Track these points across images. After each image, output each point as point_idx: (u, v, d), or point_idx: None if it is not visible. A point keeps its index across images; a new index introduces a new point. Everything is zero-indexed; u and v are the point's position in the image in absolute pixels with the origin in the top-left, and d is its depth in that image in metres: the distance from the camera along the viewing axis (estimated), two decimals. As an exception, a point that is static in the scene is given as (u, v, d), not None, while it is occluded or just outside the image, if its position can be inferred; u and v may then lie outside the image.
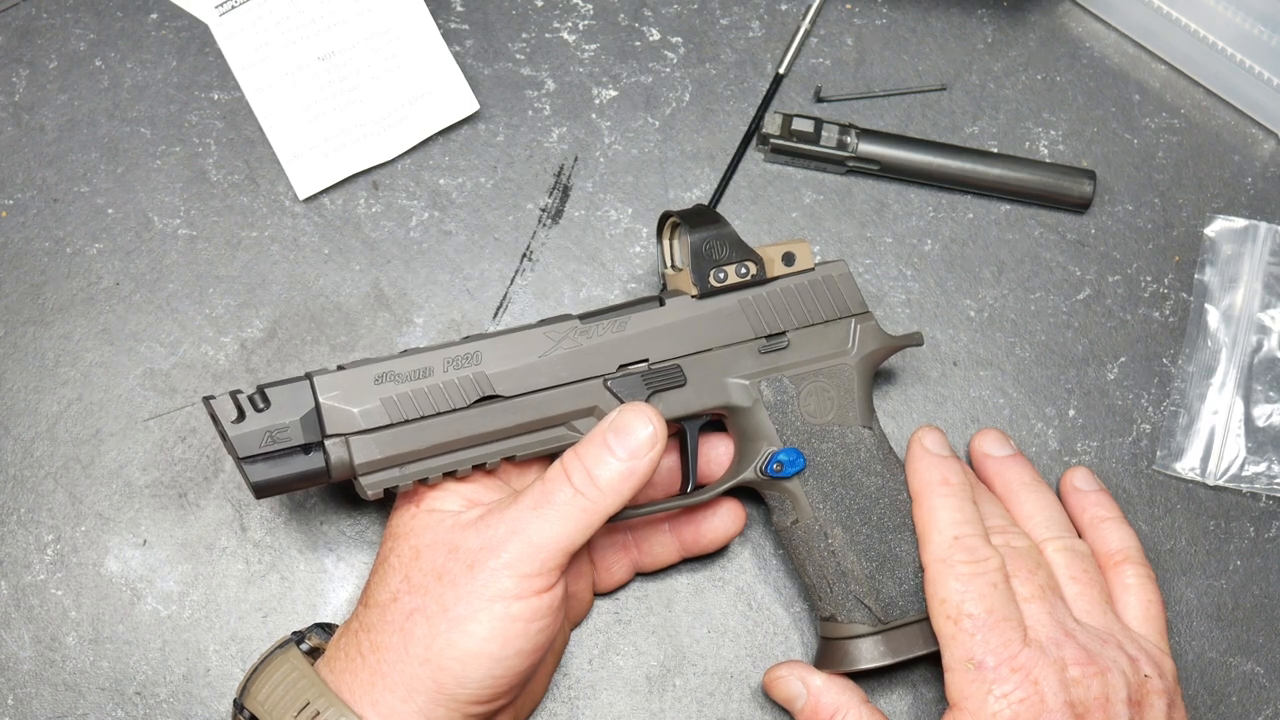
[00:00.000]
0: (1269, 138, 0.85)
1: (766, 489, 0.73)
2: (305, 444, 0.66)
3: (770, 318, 0.72)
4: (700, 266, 0.71)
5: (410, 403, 0.67)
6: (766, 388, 0.72)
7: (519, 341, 0.69)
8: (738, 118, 0.83)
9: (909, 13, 0.85)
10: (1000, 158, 0.82)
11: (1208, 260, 0.83)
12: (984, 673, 0.67)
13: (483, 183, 0.82)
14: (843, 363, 0.73)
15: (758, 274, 0.72)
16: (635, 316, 0.71)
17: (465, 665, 0.64)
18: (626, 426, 0.67)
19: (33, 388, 0.78)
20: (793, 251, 0.73)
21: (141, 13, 0.82)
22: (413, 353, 0.68)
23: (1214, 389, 0.82)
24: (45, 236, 0.80)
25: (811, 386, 0.72)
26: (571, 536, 0.65)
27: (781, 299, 0.73)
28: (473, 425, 0.68)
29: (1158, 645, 0.72)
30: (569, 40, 0.83)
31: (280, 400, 0.66)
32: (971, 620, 0.68)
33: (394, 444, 0.67)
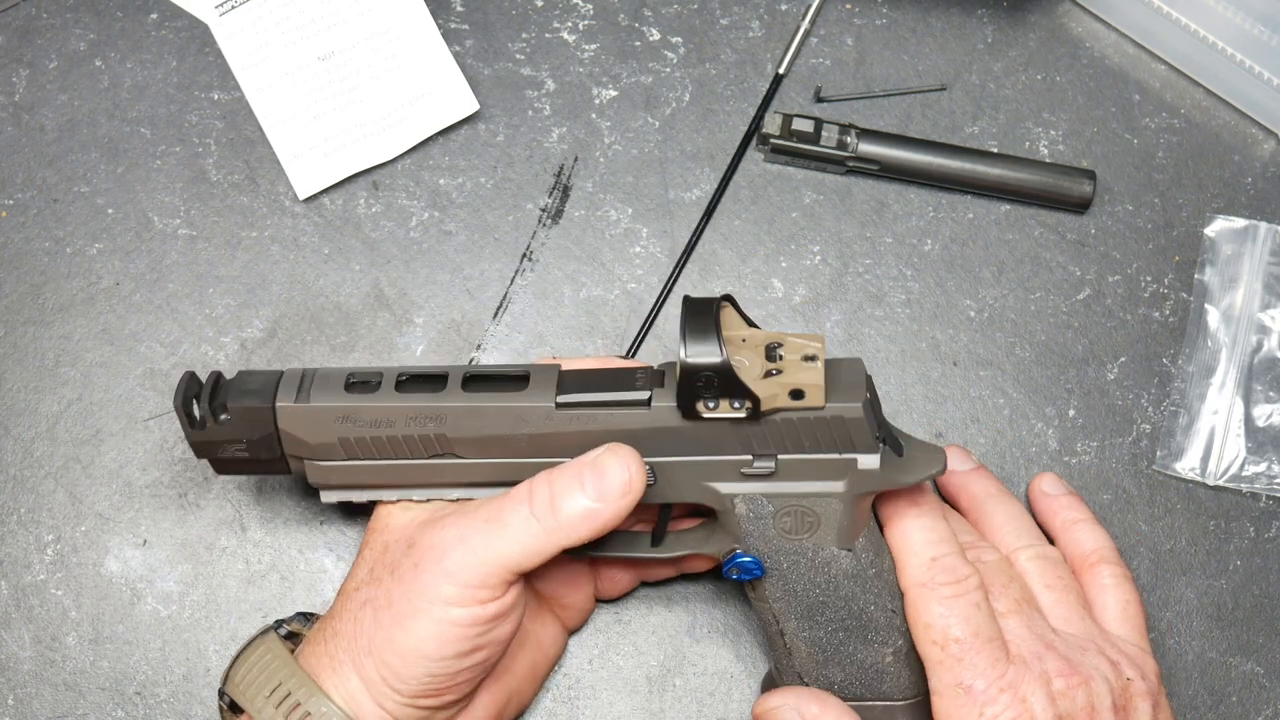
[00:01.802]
0: (1269, 138, 0.85)
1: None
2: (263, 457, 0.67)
3: (762, 442, 0.66)
4: (688, 394, 0.65)
5: (367, 446, 0.67)
6: (741, 503, 0.68)
7: (488, 414, 0.66)
8: (738, 118, 0.83)
9: (909, 13, 0.85)
10: (1000, 158, 0.82)
11: (1208, 260, 0.83)
12: (974, 696, 0.66)
13: (483, 183, 0.82)
14: (830, 499, 0.68)
15: (752, 411, 0.65)
16: (616, 414, 0.66)
17: (404, 661, 0.64)
18: (604, 468, 0.64)
19: (33, 388, 0.78)
20: (801, 388, 0.65)
21: (141, 13, 0.82)
22: (383, 394, 0.67)
23: (1214, 389, 0.82)
24: (45, 236, 0.80)
25: (791, 509, 0.68)
26: (518, 558, 0.64)
27: (778, 430, 0.66)
28: (429, 473, 0.68)
29: (1138, 645, 0.71)
30: (569, 40, 0.83)
31: (240, 417, 0.66)
32: (959, 645, 0.67)
33: (348, 474, 0.68)
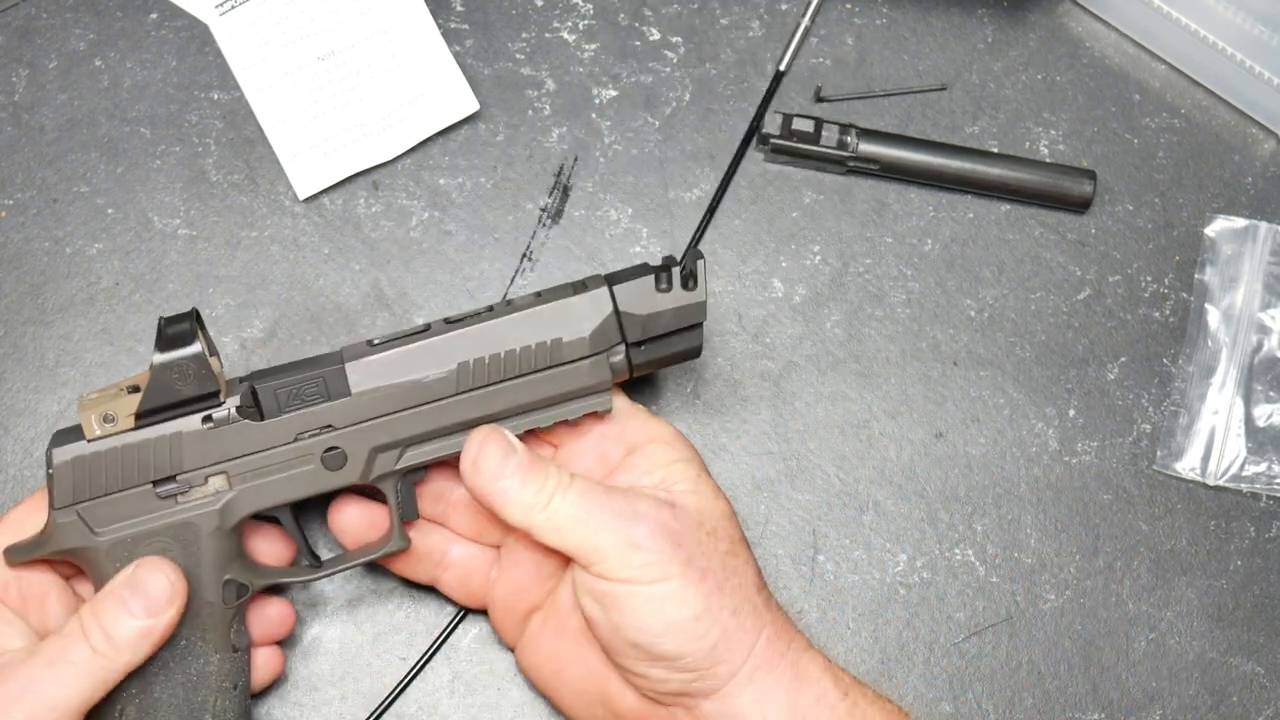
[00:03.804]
0: (1269, 138, 0.85)
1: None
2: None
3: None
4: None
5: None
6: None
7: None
8: (738, 117, 0.83)
9: (909, 13, 0.85)
10: (1000, 158, 0.82)
11: (1208, 260, 0.83)
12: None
13: (483, 183, 0.82)
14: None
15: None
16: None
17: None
18: (142, 583, 0.65)
19: (33, 388, 0.78)
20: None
21: (141, 13, 0.82)
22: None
23: (1214, 389, 0.82)
24: (45, 236, 0.80)
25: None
26: (85, 695, 0.63)
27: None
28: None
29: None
30: (569, 40, 0.83)
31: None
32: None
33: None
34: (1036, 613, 0.79)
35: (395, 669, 0.77)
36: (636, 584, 0.66)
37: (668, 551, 0.66)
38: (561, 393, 0.70)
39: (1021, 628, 0.79)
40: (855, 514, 0.80)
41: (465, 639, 0.77)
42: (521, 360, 0.69)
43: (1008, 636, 0.79)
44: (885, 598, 0.79)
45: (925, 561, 0.79)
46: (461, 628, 0.77)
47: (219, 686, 0.68)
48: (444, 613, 0.77)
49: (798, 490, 0.80)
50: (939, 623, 0.79)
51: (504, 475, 0.67)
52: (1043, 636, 0.79)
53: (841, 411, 0.81)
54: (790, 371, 0.81)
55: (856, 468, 0.80)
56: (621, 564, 0.66)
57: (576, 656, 0.71)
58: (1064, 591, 0.80)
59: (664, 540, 0.66)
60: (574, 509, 0.67)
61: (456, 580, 0.74)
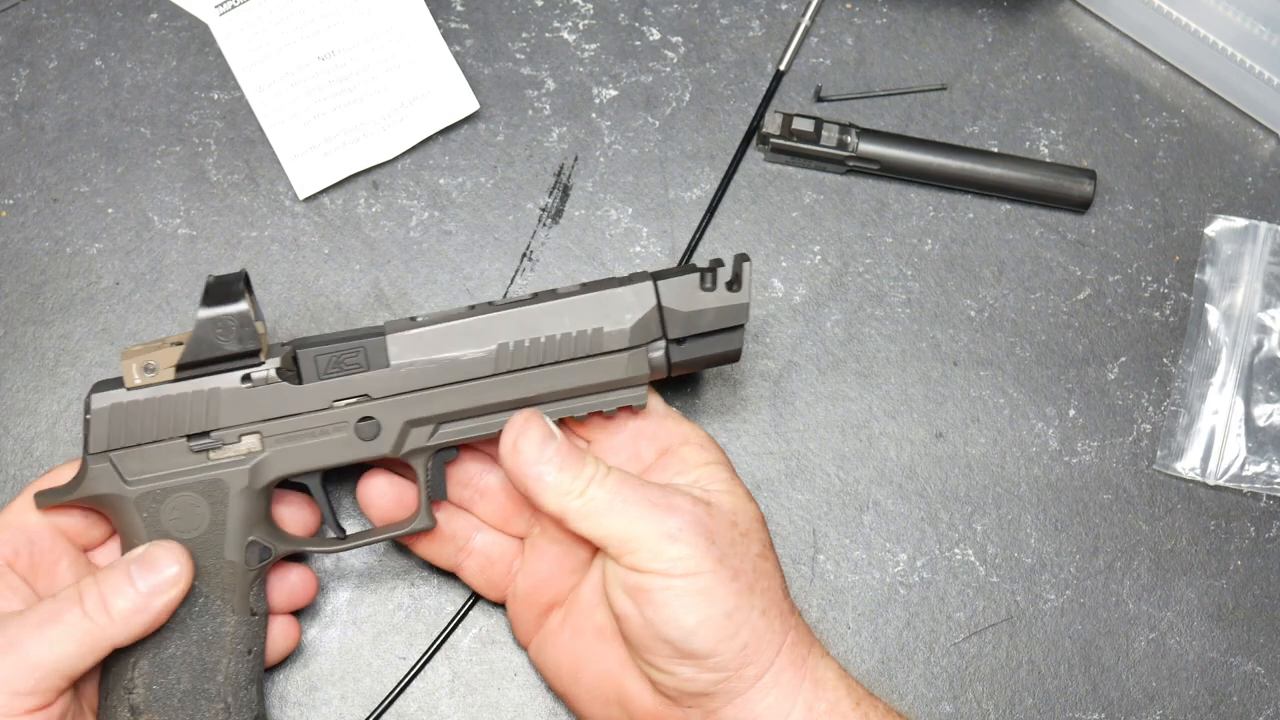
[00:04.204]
0: (1269, 138, 0.85)
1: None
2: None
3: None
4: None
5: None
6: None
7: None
8: (738, 117, 0.83)
9: (909, 13, 0.85)
10: (1000, 157, 0.82)
11: (1208, 260, 0.83)
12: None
13: (483, 182, 0.82)
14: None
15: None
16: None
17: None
18: (153, 561, 0.65)
19: (33, 388, 0.78)
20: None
21: (141, 12, 0.82)
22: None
23: (1214, 389, 0.82)
24: (45, 236, 0.80)
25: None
26: (72, 660, 0.63)
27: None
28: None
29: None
30: (569, 40, 0.83)
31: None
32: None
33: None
34: (1036, 613, 0.79)
35: (395, 669, 0.77)
36: (669, 577, 0.65)
37: (702, 547, 0.66)
38: (598, 383, 0.70)
39: (1021, 628, 0.79)
40: (855, 514, 0.80)
41: (465, 639, 0.77)
42: (561, 346, 0.70)
43: (1008, 636, 0.79)
44: (885, 598, 0.79)
45: (925, 561, 0.79)
46: (461, 628, 0.77)
47: (233, 648, 0.69)
48: (444, 613, 0.77)
49: (798, 490, 0.80)
50: (939, 623, 0.79)
51: (542, 460, 0.67)
52: (1043, 636, 0.79)
53: (841, 411, 0.81)
54: (790, 371, 0.81)
55: (856, 468, 0.80)
56: (655, 555, 0.66)
57: (594, 655, 0.70)
58: (1064, 591, 0.80)
59: (699, 535, 0.66)
60: (609, 497, 0.67)
61: (478, 568, 0.74)
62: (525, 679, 0.77)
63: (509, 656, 0.77)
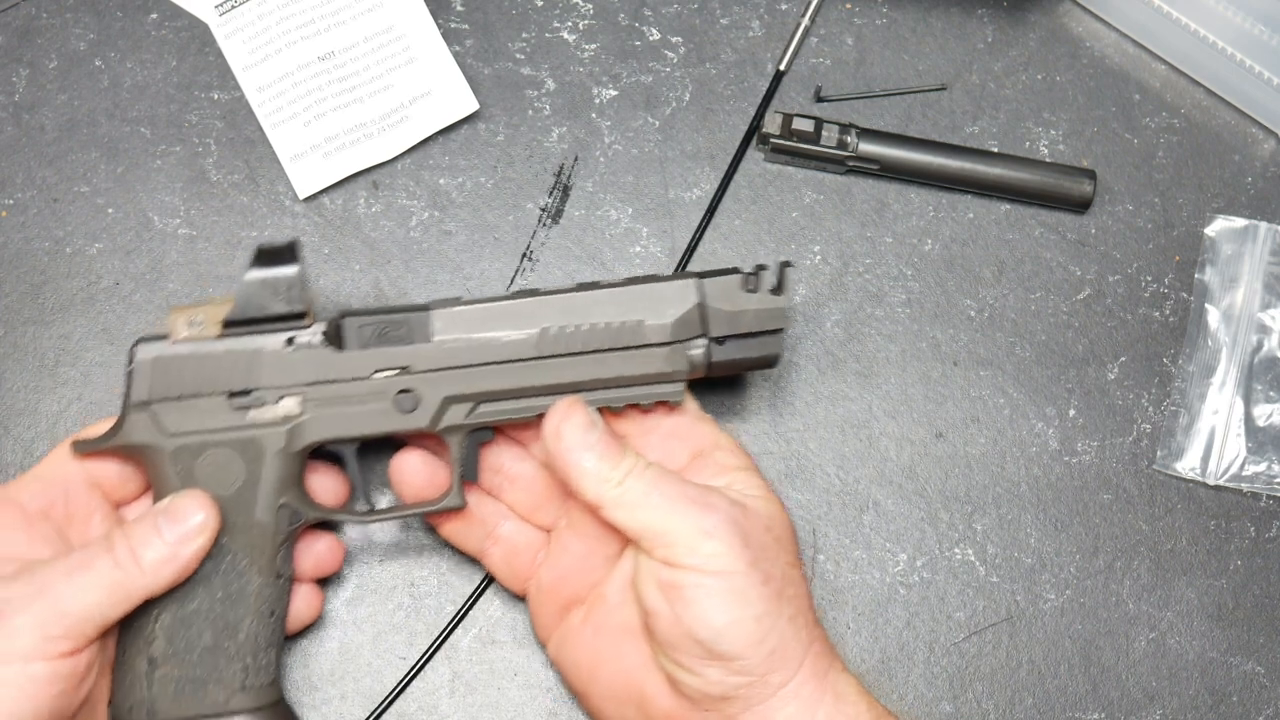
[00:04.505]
0: (1269, 138, 0.86)
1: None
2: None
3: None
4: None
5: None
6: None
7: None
8: (738, 117, 0.83)
9: (909, 13, 0.85)
10: (1000, 157, 0.82)
11: (1208, 260, 0.83)
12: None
13: (483, 182, 0.82)
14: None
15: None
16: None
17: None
18: (179, 511, 0.66)
19: (33, 388, 0.78)
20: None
21: (141, 12, 0.82)
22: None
23: (1214, 389, 0.82)
24: (45, 236, 0.80)
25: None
26: (103, 608, 0.64)
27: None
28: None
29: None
30: (569, 40, 0.83)
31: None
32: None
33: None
34: (1036, 613, 0.79)
35: (395, 669, 0.77)
36: (703, 573, 0.65)
37: (737, 547, 0.66)
38: (637, 375, 0.71)
39: (1021, 628, 0.79)
40: (855, 514, 0.80)
41: (465, 639, 0.77)
42: (603, 335, 0.70)
43: (1008, 636, 0.79)
44: (885, 597, 0.79)
45: (925, 561, 0.79)
46: (461, 628, 0.77)
47: (256, 609, 0.69)
48: (444, 613, 0.77)
49: (797, 490, 0.80)
50: (939, 622, 0.79)
51: (584, 446, 0.68)
52: (1043, 636, 0.79)
53: (841, 411, 0.81)
54: (790, 371, 0.81)
55: (856, 468, 0.80)
56: (690, 550, 0.66)
57: (615, 654, 0.70)
58: (1064, 591, 0.80)
59: (735, 535, 0.66)
60: (647, 489, 0.67)
61: (503, 556, 0.74)
62: (525, 679, 0.77)
63: (509, 656, 0.77)
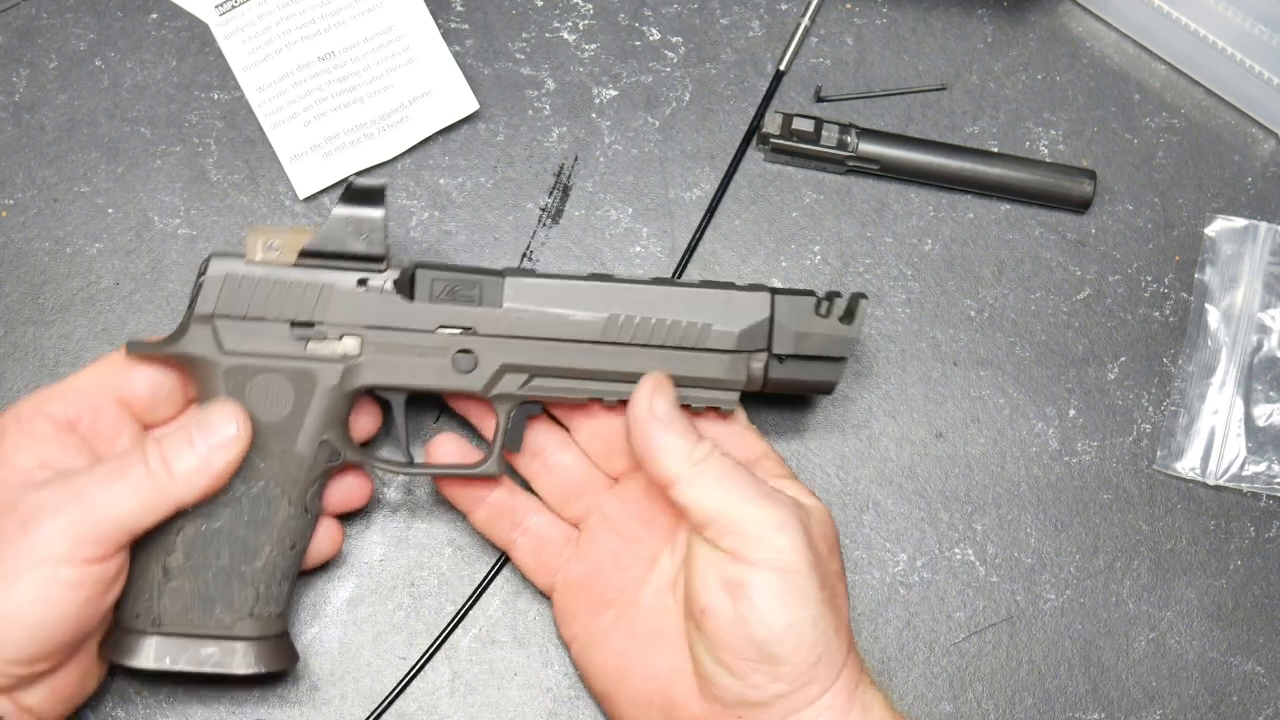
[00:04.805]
0: (1269, 138, 0.86)
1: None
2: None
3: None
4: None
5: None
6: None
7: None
8: (738, 117, 0.83)
9: (909, 13, 0.85)
10: (1000, 157, 0.82)
11: (1208, 260, 0.83)
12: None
13: (483, 182, 0.82)
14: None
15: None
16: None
17: (3, 624, 0.62)
18: (211, 423, 0.67)
19: (33, 388, 0.78)
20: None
21: (141, 12, 0.82)
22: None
23: (1214, 389, 0.82)
24: (45, 236, 0.80)
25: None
26: (136, 515, 0.65)
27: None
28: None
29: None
30: (569, 40, 0.83)
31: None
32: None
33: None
34: (1036, 612, 0.79)
35: (395, 669, 0.77)
36: (769, 570, 0.65)
37: (802, 545, 0.66)
38: (695, 377, 0.71)
39: (1021, 628, 0.79)
40: (855, 514, 0.80)
41: (465, 639, 0.77)
42: (670, 332, 0.71)
43: (1008, 636, 0.79)
44: (885, 598, 0.79)
45: (925, 561, 0.80)
46: (461, 628, 0.77)
47: (279, 539, 0.69)
48: (444, 613, 0.77)
49: (798, 490, 0.80)
50: (939, 622, 0.79)
51: (672, 420, 0.68)
52: (1043, 636, 0.79)
53: (841, 411, 0.81)
54: (790, 371, 0.81)
55: (856, 468, 0.80)
56: (761, 542, 0.66)
57: (645, 658, 0.70)
58: (1064, 591, 0.80)
59: (801, 532, 0.67)
60: (724, 474, 0.67)
61: (531, 547, 0.74)
62: (525, 679, 0.77)
63: (509, 656, 0.77)
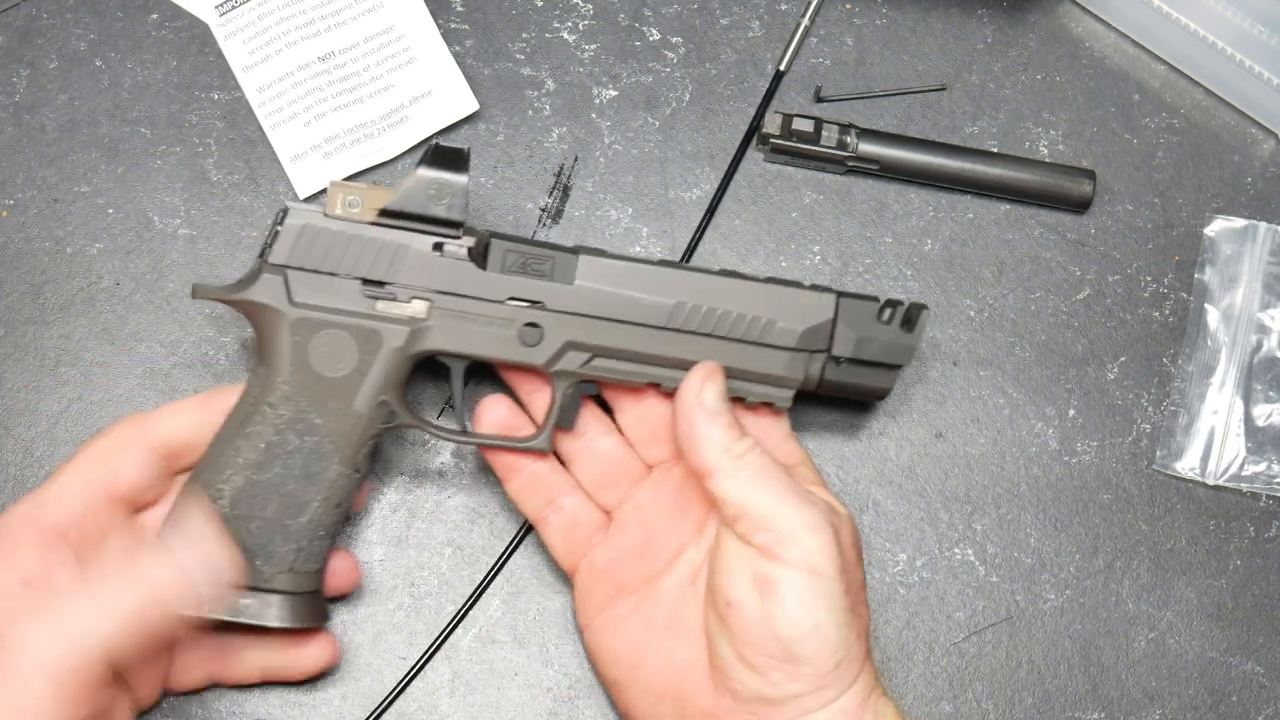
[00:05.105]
0: (1269, 138, 0.86)
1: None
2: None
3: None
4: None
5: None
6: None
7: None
8: (738, 118, 0.83)
9: (909, 13, 0.85)
10: (1000, 158, 0.82)
11: (1207, 260, 0.83)
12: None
13: (483, 183, 0.82)
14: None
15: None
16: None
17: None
18: (194, 535, 0.66)
19: (33, 388, 0.78)
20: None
21: (142, 13, 0.82)
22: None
23: (1214, 389, 0.82)
24: (46, 236, 0.80)
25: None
26: (119, 639, 0.62)
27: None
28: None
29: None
30: (569, 40, 0.83)
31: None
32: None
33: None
34: (1036, 612, 0.80)
35: (395, 669, 0.77)
36: (800, 570, 0.66)
37: (833, 549, 0.67)
38: (754, 371, 0.72)
39: (1021, 627, 0.79)
40: (855, 514, 0.79)
41: (465, 639, 0.77)
42: (734, 324, 0.72)
43: (1008, 636, 0.79)
44: (885, 598, 0.79)
45: (925, 561, 0.80)
46: (461, 628, 0.77)
47: (327, 495, 0.69)
48: (444, 613, 0.77)
49: (798, 490, 0.80)
50: (939, 622, 0.79)
51: (719, 411, 0.69)
52: (1043, 636, 0.79)
53: (841, 411, 0.81)
54: (790, 371, 0.81)
55: (856, 468, 0.80)
56: (793, 541, 0.66)
57: (660, 649, 0.70)
58: (1064, 591, 0.80)
59: (833, 536, 0.67)
60: (763, 470, 0.68)
61: (561, 528, 0.74)
62: (525, 679, 0.77)
63: (509, 656, 0.77)
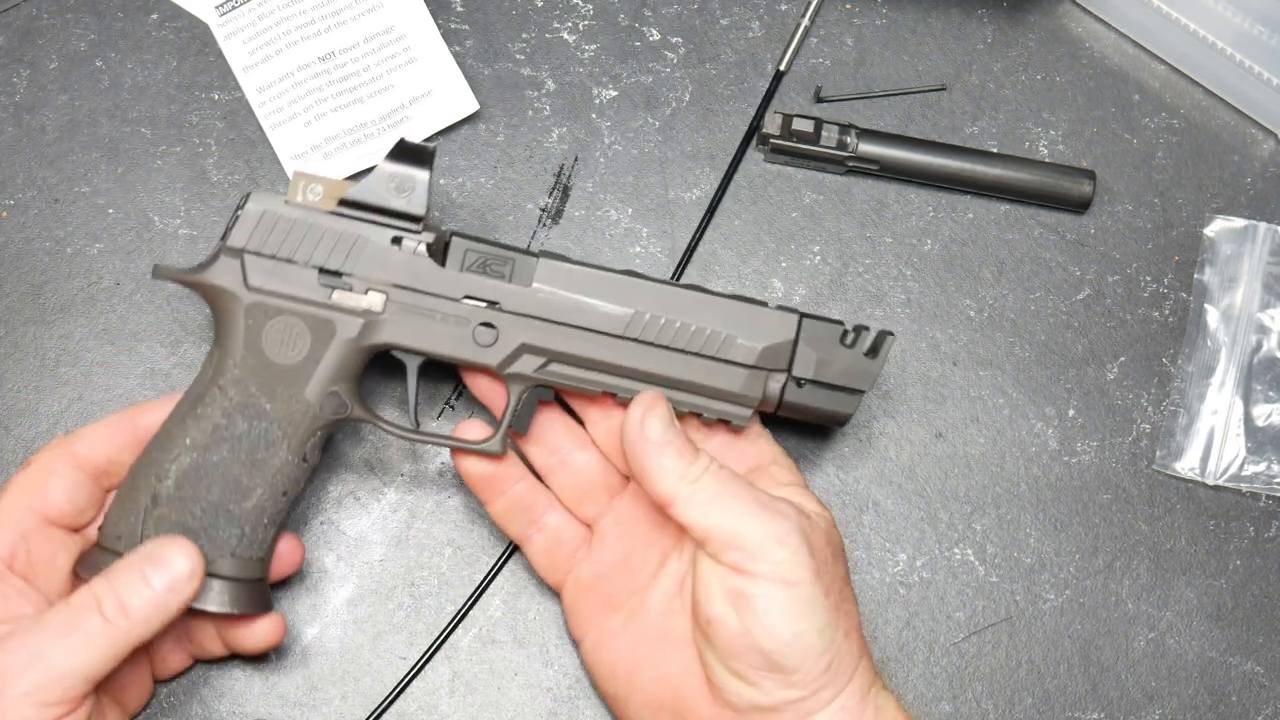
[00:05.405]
0: (1269, 138, 0.86)
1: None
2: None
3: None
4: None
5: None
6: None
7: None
8: (738, 118, 0.83)
9: (909, 13, 0.85)
10: (1000, 158, 0.82)
11: (1207, 260, 0.83)
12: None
13: (483, 183, 0.82)
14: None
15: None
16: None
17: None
18: (164, 558, 0.65)
19: (33, 388, 0.78)
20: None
21: (142, 13, 0.82)
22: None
23: (1214, 389, 0.82)
24: (46, 236, 0.80)
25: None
26: (96, 665, 0.63)
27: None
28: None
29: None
30: (569, 40, 0.83)
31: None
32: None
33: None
34: (1036, 612, 0.80)
35: (395, 669, 0.77)
36: (772, 582, 0.65)
37: (804, 555, 0.66)
38: (711, 386, 0.71)
39: (1021, 627, 0.79)
40: (855, 514, 0.80)
41: (465, 639, 0.77)
42: (692, 337, 0.71)
43: (1007, 636, 0.79)
44: (885, 598, 0.79)
45: (925, 561, 0.80)
46: (461, 628, 0.77)
47: (272, 483, 0.69)
48: (444, 613, 0.77)
49: (797, 490, 0.80)
50: (939, 622, 0.79)
51: (665, 440, 0.68)
52: (1042, 636, 0.79)
53: (841, 411, 0.81)
54: (790, 371, 0.81)
55: (856, 468, 0.80)
56: (761, 555, 0.65)
57: (655, 662, 0.70)
58: (1064, 591, 0.80)
59: (803, 543, 0.66)
60: (720, 489, 0.67)
61: (544, 545, 0.74)
62: (525, 679, 0.77)
63: (509, 656, 0.77)
